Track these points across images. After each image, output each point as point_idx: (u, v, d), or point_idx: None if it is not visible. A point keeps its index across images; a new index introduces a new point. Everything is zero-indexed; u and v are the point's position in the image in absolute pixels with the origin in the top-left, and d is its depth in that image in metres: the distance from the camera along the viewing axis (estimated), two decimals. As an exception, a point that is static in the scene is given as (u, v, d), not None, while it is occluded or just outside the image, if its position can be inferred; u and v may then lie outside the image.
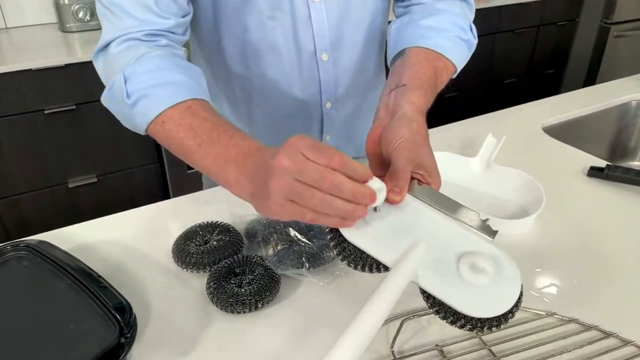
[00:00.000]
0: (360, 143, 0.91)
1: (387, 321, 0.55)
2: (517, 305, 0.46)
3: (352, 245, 0.49)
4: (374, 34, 0.81)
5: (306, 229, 0.65)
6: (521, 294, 0.46)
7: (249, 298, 0.56)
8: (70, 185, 1.78)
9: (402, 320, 0.53)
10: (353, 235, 0.48)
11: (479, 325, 0.45)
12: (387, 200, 0.47)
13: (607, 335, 0.54)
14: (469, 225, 0.50)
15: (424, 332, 0.54)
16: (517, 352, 0.52)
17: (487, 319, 0.45)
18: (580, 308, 0.57)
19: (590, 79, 2.88)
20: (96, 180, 1.81)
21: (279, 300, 0.59)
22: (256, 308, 0.57)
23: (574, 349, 0.52)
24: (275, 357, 0.52)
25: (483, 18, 2.44)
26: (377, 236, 0.48)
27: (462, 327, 0.45)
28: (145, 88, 0.57)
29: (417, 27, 0.70)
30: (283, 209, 0.44)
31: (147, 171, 1.91)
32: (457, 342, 0.53)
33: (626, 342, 0.53)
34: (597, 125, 1.18)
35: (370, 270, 0.48)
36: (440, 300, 0.46)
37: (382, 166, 0.54)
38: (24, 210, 1.76)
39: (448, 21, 0.70)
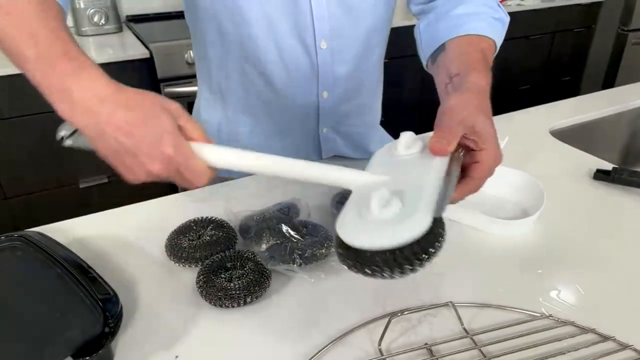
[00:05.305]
0: (357, 144, 0.91)
1: (375, 319, 0.54)
2: (426, 242, 0.42)
3: None
4: (376, 30, 0.81)
5: (299, 226, 0.65)
6: (435, 232, 0.43)
7: (238, 292, 0.56)
8: (81, 186, 1.81)
9: (390, 318, 0.52)
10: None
11: (380, 264, 0.42)
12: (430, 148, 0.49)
13: (605, 338, 0.52)
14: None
15: (413, 331, 0.53)
16: (509, 353, 0.50)
17: (386, 255, 0.41)
18: (579, 312, 0.55)
19: (607, 87, 2.83)
20: (107, 181, 1.84)
21: (269, 296, 0.58)
22: (245, 303, 0.56)
23: (568, 352, 0.50)
24: (261, 353, 0.51)
25: (497, 24, 2.42)
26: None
27: (360, 270, 0.44)
28: None
29: (449, 18, 0.69)
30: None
31: (158, 173, 1.93)
32: (447, 342, 0.51)
33: (624, 346, 0.51)
34: (608, 129, 1.15)
35: None
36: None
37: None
38: (35, 210, 1.79)
39: (478, 4, 0.69)
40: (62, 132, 0.49)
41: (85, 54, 0.48)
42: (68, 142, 0.50)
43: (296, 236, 0.62)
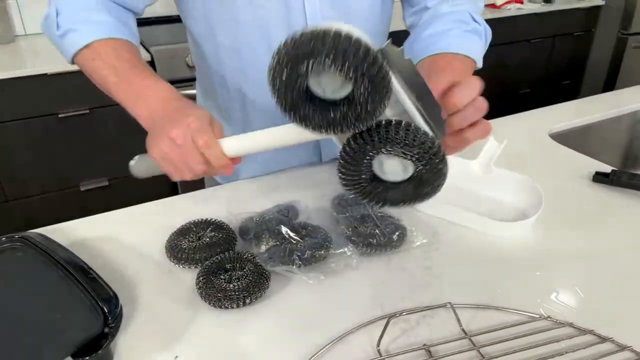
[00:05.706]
0: None
1: (374, 320, 0.54)
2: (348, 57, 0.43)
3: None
4: (374, 34, 0.81)
5: (299, 228, 0.65)
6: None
7: (237, 294, 0.56)
8: (82, 189, 1.81)
9: (388, 319, 0.52)
10: None
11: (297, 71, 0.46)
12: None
13: (603, 340, 0.52)
14: (423, 114, 0.50)
15: (412, 332, 0.53)
16: (507, 354, 0.50)
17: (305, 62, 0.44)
18: (577, 313, 0.56)
19: (607, 90, 2.83)
20: (107, 184, 1.84)
21: (268, 297, 0.58)
22: (244, 304, 0.56)
23: (567, 353, 0.50)
24: (260, 354, 0.51)
25: (498, 27, 2.43)
26: None
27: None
28: (74, 23, 0.66)
29: (420, 40, 0.71)
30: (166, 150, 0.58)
31: (158, 176, 1.93)
32: (445, 343, 0.52)
33: (622, 347, 0.51)
34: (607, 133, 1.16)
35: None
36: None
37: None
38: (36, 212, 1.80)
39: (447, 22, 0.70)
40: (134, 160, 0.65)
41: (154, 74, 0.65)
42: (132, 162, 0.65)
43: (295, 237, 0.63)
